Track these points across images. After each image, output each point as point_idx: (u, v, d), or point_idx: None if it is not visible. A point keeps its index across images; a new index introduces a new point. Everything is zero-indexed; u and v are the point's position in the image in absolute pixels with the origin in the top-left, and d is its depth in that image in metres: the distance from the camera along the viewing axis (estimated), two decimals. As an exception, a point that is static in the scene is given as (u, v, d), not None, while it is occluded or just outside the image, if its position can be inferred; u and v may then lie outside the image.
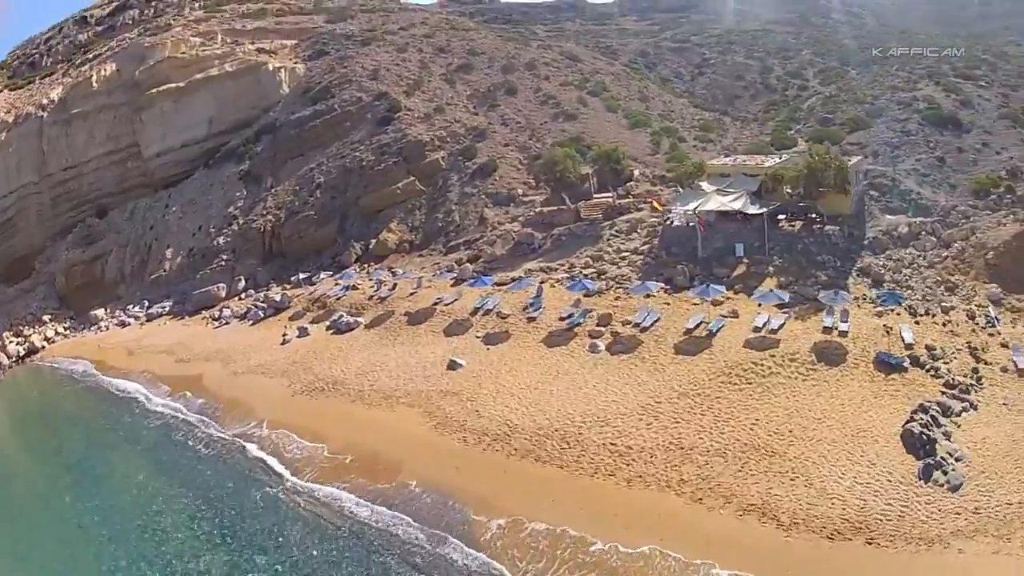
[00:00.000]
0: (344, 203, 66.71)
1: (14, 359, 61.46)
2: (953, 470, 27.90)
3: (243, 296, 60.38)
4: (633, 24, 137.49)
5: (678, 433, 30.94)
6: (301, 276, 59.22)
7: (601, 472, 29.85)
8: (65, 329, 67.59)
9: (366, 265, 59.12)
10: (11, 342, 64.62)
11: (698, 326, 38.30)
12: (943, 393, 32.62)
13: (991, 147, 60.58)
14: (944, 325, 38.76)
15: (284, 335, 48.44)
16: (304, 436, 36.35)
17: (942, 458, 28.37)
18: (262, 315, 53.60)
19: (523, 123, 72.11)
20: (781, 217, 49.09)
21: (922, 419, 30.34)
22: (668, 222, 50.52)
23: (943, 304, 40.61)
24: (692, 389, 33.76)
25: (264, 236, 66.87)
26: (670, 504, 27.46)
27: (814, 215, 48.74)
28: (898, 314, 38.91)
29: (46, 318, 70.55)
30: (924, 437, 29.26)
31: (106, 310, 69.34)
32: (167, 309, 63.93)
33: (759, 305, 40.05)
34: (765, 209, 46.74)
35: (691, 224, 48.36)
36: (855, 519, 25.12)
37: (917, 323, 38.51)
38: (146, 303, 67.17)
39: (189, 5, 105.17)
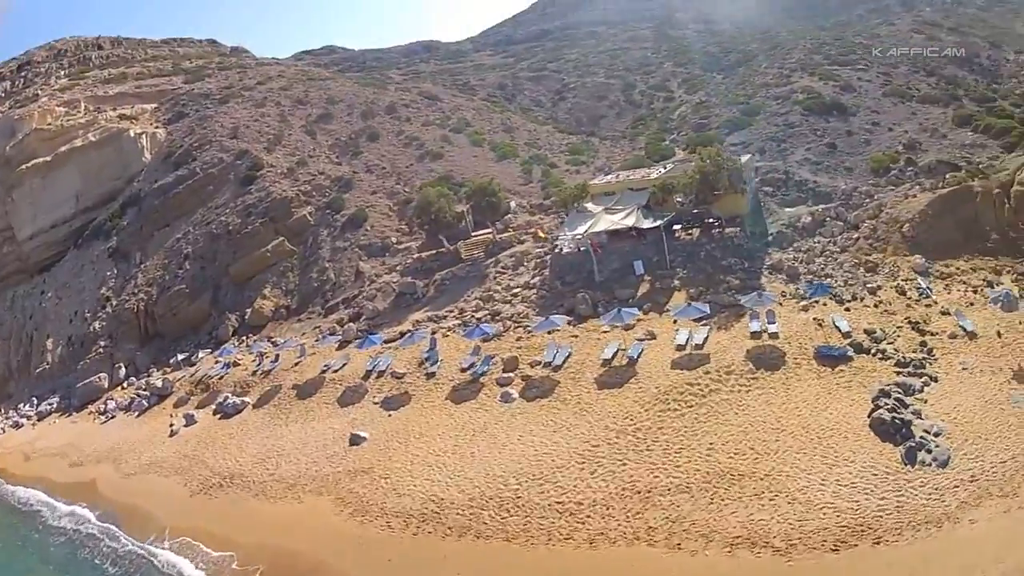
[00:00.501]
0: (215, 273, 69.11)
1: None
2: (936, 446, 29.46)
3: (125, 385, 62.07)
4: (488, 59, 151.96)
5: (629, 476, 30.66)
6: (180, 357, 61.37)
7: (555, 537, 29.07)
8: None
9: (244, 337, 60.68)
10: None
11: (616, 355, 39.57)
12: (898, 373, 35.01)
13: (882, 125, 69.50)
14: (876, 306, 41.92)
15: (171, 425, 49.66)
16: (210, 544, 35.51)
17: (921, 438, 29.89)
18: (147, 404, 55.35)
19: (388, 168, 78.06)
20: (677, 227, 52.77)
21: (887, 404, 31.98)
22: (557, 250, 53.79)
23: (868, 285, 44.17)
24: (629, 424, 34.04)
25: (138, 317, 68.99)
26: (646, 558, 26.83)
27: (711, 220, 52.61)
28: (825, 304, 41.87)
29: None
30: (896, 421, 30.70)
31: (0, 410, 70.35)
32: (55, 406, 65.58)
33: (675, 322, 42.23)
34: (660, 222, 49.91)
35: (582, 248, 51.18)
36: (854, 523, 25.62)
37: (848, 310, 41.45)
38: (35, 400, 68.50)
39: (55, 74, 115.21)
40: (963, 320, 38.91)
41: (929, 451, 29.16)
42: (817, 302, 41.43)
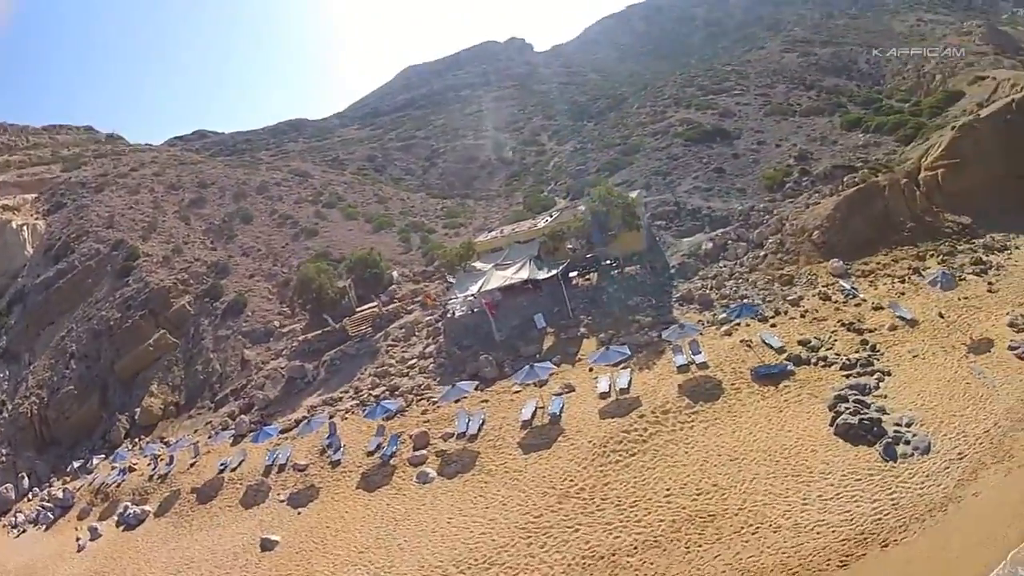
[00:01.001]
0: (101, 371, 70.29)
1: None
2: (913, 435, 31.04)
3: (30, 496, 61.97)
4: (356, 132, 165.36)
5: (586, 542, 29.92)
6: (75, 464, 61.91)
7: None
8: None
9: (137, 439, 61.76)
10: None
11: (535, 414, 40.46)
12: (847, 376, 37.03)
13: (768, 143, 76.22)
14: (803, 316, 44.68)
15: (77, 539, 49.56)
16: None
17: (895, 432, 31.40)
18: (52, 517, 55.30)
19: (264, 250, 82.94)
20: (573, 274, 55.40)
21: (848, 408, 33.58)
22: (449, 315, 56.15)
23: (789, 298, 47.09)
24: (570, 486, 33.89)
25: (33, 422, 69.33)
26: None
27: (609, 261, 55.43)
28: (748, 325, 44.39)
29: None
30: (865, 422, 32.16)
31: None
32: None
33: (591, 370, 43.63)
34: (556, 271, 52.22)
35: (475, 310, 54.06)
36: (853, 533, 26.28)
37: (774, 326, 44.08)
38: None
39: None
40: (899, 310, 42.05)
41: (907, 442, 30.64)
42: (739, 324, 43.99)
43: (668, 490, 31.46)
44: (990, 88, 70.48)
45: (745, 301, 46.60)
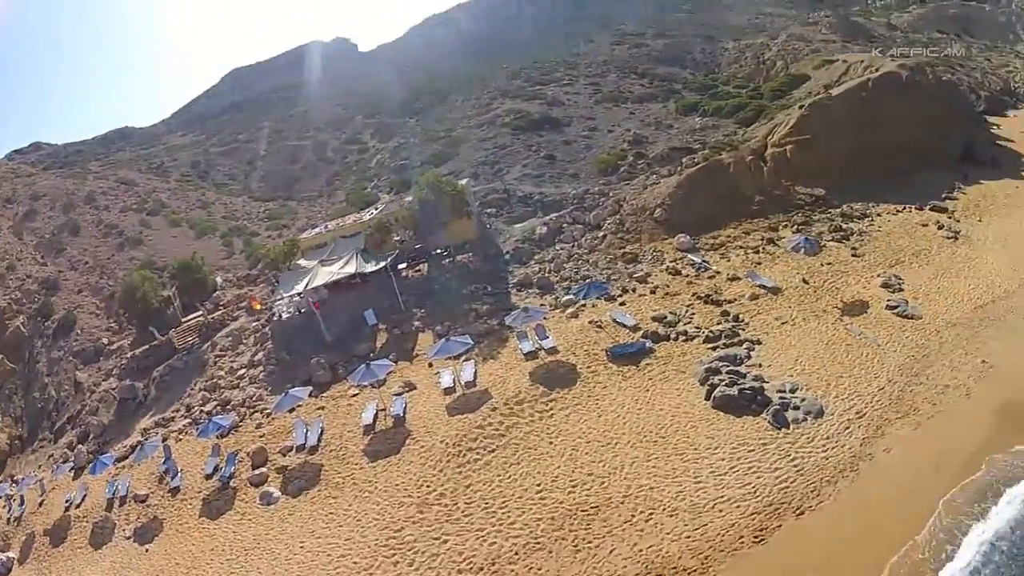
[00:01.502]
0: None
1: None
2: (802, 400, 30.81)
3: None
4: (181, 139, 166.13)
5: (459, 554, 27.54)
6: None
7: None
8: None
9: None
10: None
11: (377, 417, 38.84)
12: (714, 348, 36.86)
13: (600, 130, 77.53)
14: (653, 292, 44.73)
15: None
16: None
17: (781, 399, 31.02)
18: None
19: (91, 262, 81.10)
20: (403, 266, 54.69)
21: (723, 379, 32.99)
22: (276, 318, 54.43)
23: (636, 275, 47.16)
24: (428, 492, 31.56)
25: None
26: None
27: (439, 251, 55.03)
28: (595, 306, 43.87)
29: None
30: (747, 392, 31.52)
31: None
32: None
33: (430, 365, 42.23)
34: (384, 263, 50.99)
35: (302, 311, 52.48)
36: (761, 506, 25.63)
37: (624, 304, 43.93)
38: None
39: None
40: (759, 279, 42.70)
41: (796, 408, 30.35)
42: (586, 305, 43.76)
43: (539, 485, 29.51)
44: (840, 70, 75.29)
45: (590, 280, 46.40)
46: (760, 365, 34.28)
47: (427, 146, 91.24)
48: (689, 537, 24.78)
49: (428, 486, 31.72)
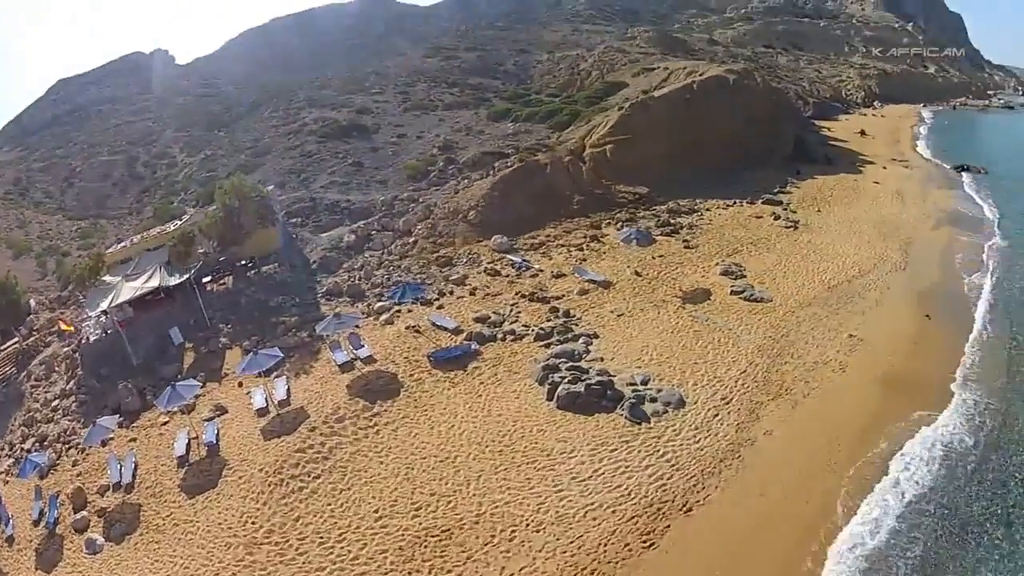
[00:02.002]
0: None
1: None
2: (658, 391, 28.19)
3: None
4: (6, 155, 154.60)
5: None
6: None
7: None
8: None
9: None
10: None
11: (190, 447, 33.86)
12: (547, 346, 34.00)
13: (409, 136, 74.23)
14: (473, 294, 41.83)
15: None
16: None
17: (634, 392, 28.28)
18: None
19: None
20: (207, 280, 50.78)
21: (564, 377, 29.91)
22: (85, 341, 49.84)
23: (452, 279, 44.35)
24: (255, 530, 26.97)
25: None
26: None
27: (243, 262, 51.54)
28: (410, 311, 40.77)
29: None
30: (594, 387, 28.56)
31: None
32: None
33: (240, 384, 37.98)
34: (187, 275, 47.20)
35: (108, 331, 48.51)
36: (640, 508, 22.76)
37: (441, 307, 40.77)
38: None
39: None
40: (587, 274, 40.40)
41: (653, 400, 27.71)
42: (400, 310, 41.00)
43: (377, 512, 25.28)
44: (660, 76, 75.40)
45: (405, 282, 43.39)
46: (603, 359, 31.57)
47: (233, 157, 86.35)
48: (566, 552, 21.32)
49: (253, 523, 27.05)
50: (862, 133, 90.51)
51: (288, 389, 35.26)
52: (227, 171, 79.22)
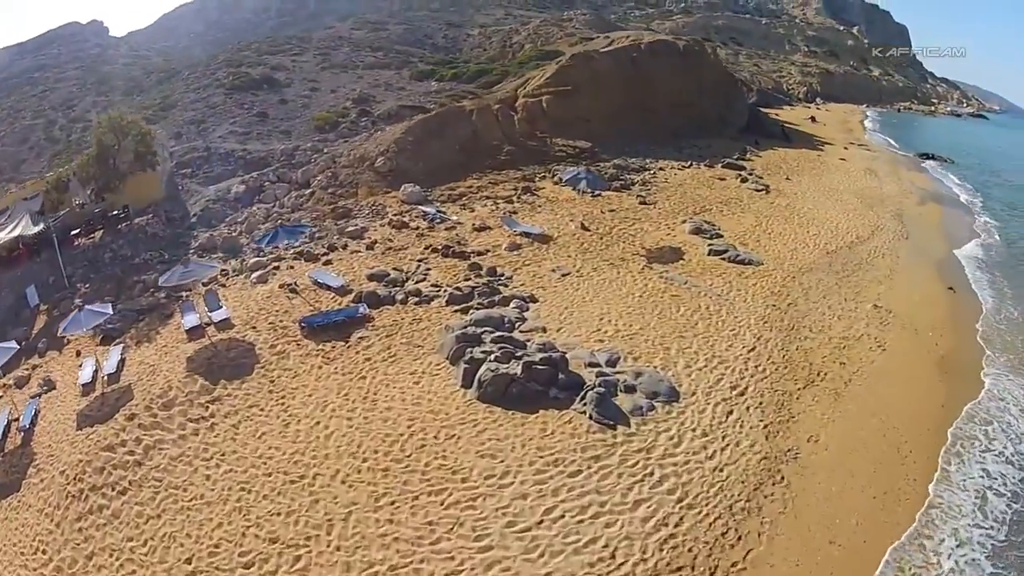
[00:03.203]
0: None
1: None
2: (637, 375, 18.74)
3: None
4: None
5: None
6: None
7: None
8: None
9: None
10: None
11: (8, 431, 24.70)
12: (463, 313, 24.29)
13: (322, 91, 65.98)
14: (371, 248, 32.61)
15: None
16: None
17: (600, 377, 18.44)
18: None
19: None
20: (75, 233, 43.93)
21: (492, 353, 19.70)
22: None
23: (347, 231, 35.76)
24: (41, 564, 17.97)
25: None
26: None
27: (117, 211, 44.42)
28: (292, 268, 31.01)
29: None
30: (539, 368, 18.28)
31: None
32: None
33: (77, 353, 28.81)
34: (46, 224, 40.59)
35: None
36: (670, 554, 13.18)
37: (329, 263, 31.37)
38: None
39: None
40: (519, 227, 31.33)
41: (630, 389, 18.02)
42: (280, 267, 31.24)
43: (190, 563, 15.05)
44: (602, 44, 65.93)
45: (280, 223, 34.89)
46: (545, 328, 21.32)
47: (139, 113, 76.78)
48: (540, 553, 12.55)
49: (44, 552, 17.66)
50: (812, 120, 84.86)
51: (122, 360, 25.81)
52: (123, 123, 72.86)
